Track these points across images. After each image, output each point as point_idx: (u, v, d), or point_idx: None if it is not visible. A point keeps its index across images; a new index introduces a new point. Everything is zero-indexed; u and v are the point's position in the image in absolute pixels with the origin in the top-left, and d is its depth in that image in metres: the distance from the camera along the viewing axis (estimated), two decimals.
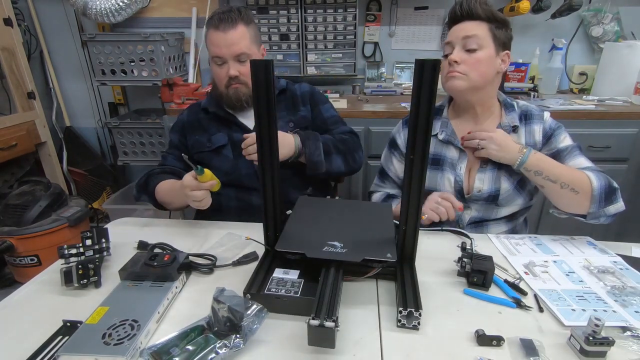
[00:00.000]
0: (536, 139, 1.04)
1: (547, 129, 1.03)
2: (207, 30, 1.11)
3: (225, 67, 1.11)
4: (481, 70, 0.98)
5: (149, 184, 1.13)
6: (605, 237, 0.98)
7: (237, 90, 1.13)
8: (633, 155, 1.77)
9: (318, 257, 0.70)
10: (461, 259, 0.79)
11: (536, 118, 1.05)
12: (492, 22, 0.98)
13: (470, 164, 1.07)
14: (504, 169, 1.03)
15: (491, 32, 0.98)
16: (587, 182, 0.90)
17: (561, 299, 0.72)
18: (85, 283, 0.75)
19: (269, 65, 0.67)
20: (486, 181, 1.04)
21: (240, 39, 1.08)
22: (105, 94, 2.52)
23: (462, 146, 1.05)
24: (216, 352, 0.57)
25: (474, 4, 0.97)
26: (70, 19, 2.34)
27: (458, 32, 1.00)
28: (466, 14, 0.99)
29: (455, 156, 1.08)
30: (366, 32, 2.25)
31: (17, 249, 1.77)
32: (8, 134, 2.09)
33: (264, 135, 0.72)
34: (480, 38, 0.97)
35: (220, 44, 1.07)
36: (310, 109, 1.26)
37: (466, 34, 0.98)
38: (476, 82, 0.99)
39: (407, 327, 0.65)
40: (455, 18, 1.02)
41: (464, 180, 1.06)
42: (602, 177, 0.92)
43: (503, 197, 1.04)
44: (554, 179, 0.91)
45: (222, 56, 1.09)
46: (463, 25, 0.99)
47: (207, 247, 0.92)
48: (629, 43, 1.95)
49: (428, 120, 0.64)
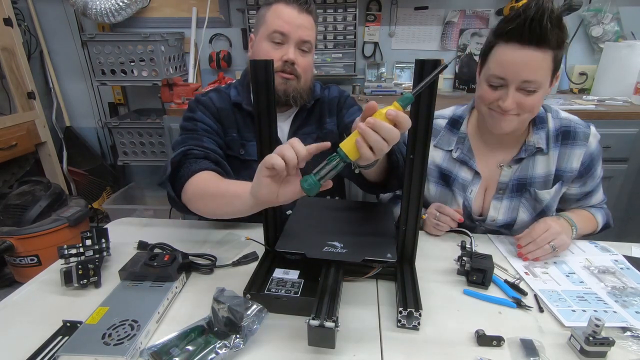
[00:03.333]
0: (573, 165, 0.91)
1: (589, 156, 0.91)
2: (272, 4, 0.95)
3: (283, 49, 0.94)
4: (536, 111, 0.84)
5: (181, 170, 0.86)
6: (605, 237, 0.98)
7: (287, 81, 0.96)
8: (633, 155, 1.77)
9: (318, 257, 0.70)
10: (461, 257, 0.79)
11: (580, 140, 0.89)
12: (558, 49, 0.77)
13: (486, 184, 0.97)
14: (524, 197, 0.94)
15: (554, 62, 0.78)
16: (595, 228, 0.99)
17: (561, 300, 0.72)
18: (85, 283, 0.75)
19: (269, 65, 0.67)
20: (502, 210, 0.96)
21: (311, 27, 0.96)
22: (105, 94, 2.52)
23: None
24: (216, 353, 0.57)
25: (548, 27, 0.73)
26: (70, 19, 2.34)
27: (520, 68, 0.77)
28: (536, 39, 0.74)
29: (469, 178, 0.97)
30: (366, 32, 2.25)
31: (17, 249, 1.77)
32: (8, 134, 2.09)
33: (264, 135, 0.71)
34: (542, 79, 0.78)
35: (291, 20, 0.92)
36: (335, 119, 1.10)
37: (528, 78, 0.77)
38: (526, 122, 0.86)
39: (407, 327, 0.65)
40: (518, 39, 0.76)
41: (478, 202, 0.98)
42: (605, 218, 1.01)
43: (519, 227, 0.96)
44: (581, 234, 0.95)
45: (287, 33, 0.93)
46: (527, 57, 0.76)
47: (207, 247, 0.92)
48: (629, 43, 1.95)
49: (428, 121, 0.64)
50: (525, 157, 0.93)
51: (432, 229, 0.96)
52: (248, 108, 1.02)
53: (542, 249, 0.83)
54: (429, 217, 0.95)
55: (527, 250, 0.85)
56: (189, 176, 0.84)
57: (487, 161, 0.96)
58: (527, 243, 0.85)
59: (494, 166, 0.94)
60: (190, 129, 0.97)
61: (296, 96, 0.98)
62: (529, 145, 0.91)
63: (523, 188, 0.95)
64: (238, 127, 1.04)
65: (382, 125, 0.54)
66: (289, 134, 1.06)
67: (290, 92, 0.97)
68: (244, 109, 1.02)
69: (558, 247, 0.83)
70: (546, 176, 0.93)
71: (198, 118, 0.99)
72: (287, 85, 0.96)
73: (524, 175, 0.94)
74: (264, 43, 0.95)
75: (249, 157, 1.03)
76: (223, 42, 2.34)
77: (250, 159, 1.03)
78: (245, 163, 1.04)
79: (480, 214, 1.00)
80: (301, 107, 1.06)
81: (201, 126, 0.98)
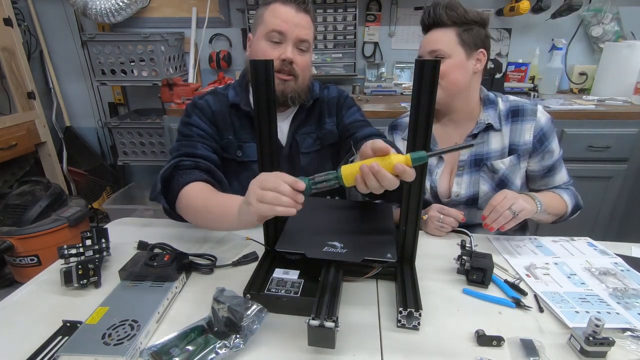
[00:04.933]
0: (526, 138, 1.02)
1: (539, 130, 1.02)
2: (270, 4, 0.96)
3: (281, 48, 0.94)
4: (451, 78, 0.98)
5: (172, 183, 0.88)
6: (605, 237, 0.98)
7: (285, 83, 0.96)
8: (633, 155, 1.77)
9: (318, 257, 0.70)
10: (461, 256, 0.79)
11: (528, 115, 1.02)
12: (460, 26, 0.98)
13: (450, 168, 1.08)
14: (482, 171, 1.04)
15: (458, 37, 0.97)
16: (564, 208, 1.04)
17: (564, 301, 0.72)
18: (85, 283, 0.75)
19: (269, 65, 0.67)
20: (464, 185, 1.06)
21: (309, 26, 0.97)
22: (105, 94, 2.52)
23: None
24: (216, 353, 0.57)
25: (439, 11, 0.97)
26: (70, 19, 2.34)
27: (426, 45, 1.01)
28: (433, 22, 0.99)
29: (433, 162, 1.08)
30: (366, 32, 2.25)
31: (17, 249, 1.77)
32: (8, 134, 2.09)
33: (264, 135, 0.71)
34: (445, 48, 0.97)
35: (288, 19, 0.93)
36: (335, 120, 1.10)
37: (431, 48, 0.99)
38: (449, 89, 0.99)
39: (407, 327, 0.65)
40: (424, 27, 1.03)
41: (444, 183, 1.08)
42: (574, 198, 1.06)
43: (483, 200, 1.05)
44: (550, 211, 1.00)
45: (285, 32, 0.93)
46: (430, 36, 1.01)
47: (207, 247, 0.92)
48: (629, 43, 1.95)
49: (428, 121, 0.64)
50: (478, 132, 1.04)
51: (434, 231, 0.98)
52: (246, 109, 1.01)
53: (503, 216, 0.87)
54: (432, 219, 0.97)
55: (490, 219, 0.89)
56: (180, 189, 0.86)
57: (448, 145, 1.05)
58: (489, 212, 0.90)
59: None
60: (186, 134, 0.99)
61: (294, 96, 0.98)
62: (480, 123, 1.04)
63: (480, 162, 1.05)
64: (234, 129, 1.03)
65: (385, 175, 0.56)
66: (289, 133, 1.06)
67: (288, 93, 0.97)
68: (242, 110, 1.02)
69: (518, 211, 0.87)
70: (501, 150, 1.04)
71: (193, 123, 0.99)
72: (285, 86, 0.96)
73: (479, 151, 1.05)
74: (262, 42, 0.95)
75: (247, 158, 1.03)
76: (223, 42, 2.34)
77: (248, 160, 1.03)
78: (244, 164, 1.03)
79: (448, 196, 1.08)
80: (300, 107, 1.06)
81: (196, 131, 0.98)
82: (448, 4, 0.97)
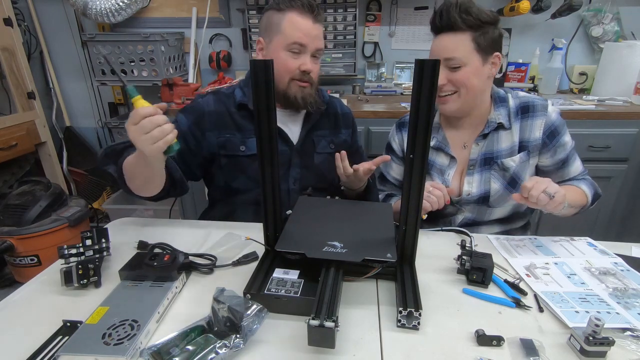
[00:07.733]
0: (536, 135, 1.01)
1: (550, 125, 1.00)
2: (285, 12, 0.98)
3: (301, 59, 1.00)
4: (469, 86, 0.95)
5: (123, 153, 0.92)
6: (605, 237, 0.98)
7: (303, 89, 1.03)
8: (633, 155, 1.77)
9: (318, 257, 0.70)
10: (461, 256, 0.79)
11: (539, 111, 1.00)
12: (476, 30, 0.92)
13: (461, 168, 1.07)
14: (493, 169, 1.03)
15: (474, 42, 0.92)
16: (585, 199, 1.01)
17: (564, 301, 0.72)
18: (85, 283, 0.75)
19: (269, 65, 0.67)
20: (475, 184, 1.05)
21: (323, 35, 1.04)
22: (105, 94, 2.52)
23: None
24: (216, 352, 0.57)
25: (454, 15, 0.91)
26: (70, 19, 2.34)
27: (439, 50, 0.95)
28: (446, 25, 0.93)
29: (445, 162, 1.08)
30: (366, 32, 2.25)
31: (17, 249, 1.77)
32: (8, 134, 2.09)
33: (264, 134, 0.71)
34: (461, 56, 0.92)
35: (308, 32, 0.98)
36: (350, 133, 1.21)
37: (447, 56, 0.93)
38: (467, 98, 0.97)
39: (407, 327, 0.65)
40: (435, 29, 0.96)
41: (456, 184, 1.07)
42: (592, 188, 1.04)
43: (494, 198, 1.04)
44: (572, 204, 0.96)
45: (306, 45, 0.98)
46: (444, 41, 0.94)
47: (207, 247, 0.92)
48: (629, 43, 1.95)
49: (428, 121, 0.64)
50: (489, 132, 1.03)
51: None
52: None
53: (539, 199, 0.82)
54: None
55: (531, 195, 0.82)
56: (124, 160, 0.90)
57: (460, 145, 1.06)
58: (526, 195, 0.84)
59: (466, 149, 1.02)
60: None
61: (312, 102, 1.06)
62: (491, 122, 1.02)
63: (491, 161, 1.04)
64: (238, 126, 1.07)
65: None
66: (301, 134, 1.11)
67: (308, 99, 1.05)
68: (249, 109, 1.06)
69: (553, 192, 0.82)
70: (511, 148, 1.03)
71: (178, 119, 1.06)
72: (303, 92, 1.04)
73: (489, 150, 1.04)
74: (282, 53, 1.00)
75: (250, 152, 1.07)
76: (223, 42, 2.34)
77: (252, 154, 1.07)
78: (250, 158, 1.07)
79: (459, 195, 1.07)
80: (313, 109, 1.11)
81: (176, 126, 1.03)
82: (462, 5, 0.91)
